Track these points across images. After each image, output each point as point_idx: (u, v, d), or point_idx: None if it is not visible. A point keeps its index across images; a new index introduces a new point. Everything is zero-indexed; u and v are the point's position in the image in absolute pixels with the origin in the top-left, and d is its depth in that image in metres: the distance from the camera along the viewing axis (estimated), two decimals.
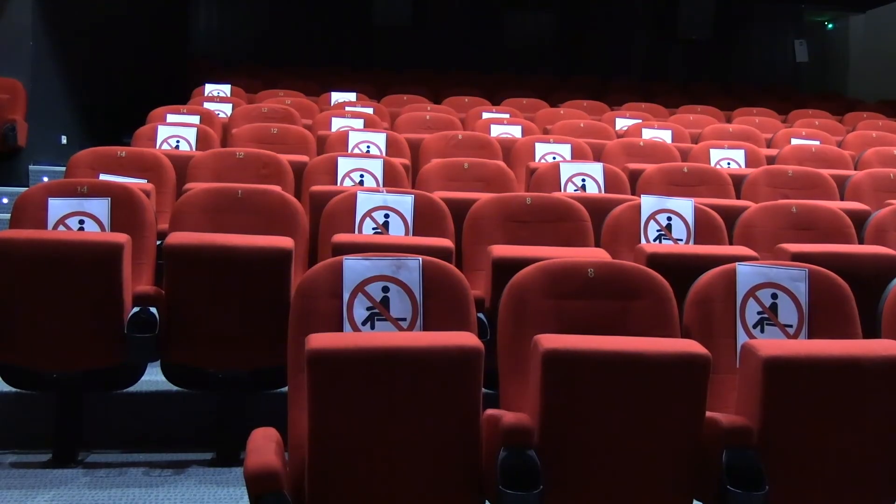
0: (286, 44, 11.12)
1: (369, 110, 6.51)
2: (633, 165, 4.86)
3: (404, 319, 2.51)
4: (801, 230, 3.81)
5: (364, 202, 3.59)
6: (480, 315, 2.90)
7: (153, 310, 3.00)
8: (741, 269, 2.67)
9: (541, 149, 5.31)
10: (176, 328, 2.98)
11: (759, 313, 2.64)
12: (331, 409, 2.08)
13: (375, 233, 3.55)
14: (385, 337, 2.22)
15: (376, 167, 4.41)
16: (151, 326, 2.97)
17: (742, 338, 2.61)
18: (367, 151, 5.06)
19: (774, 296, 2.66)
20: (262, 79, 8.47)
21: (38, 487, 2.88)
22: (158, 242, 3.47)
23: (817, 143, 6.07)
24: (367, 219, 3.57)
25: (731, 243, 3.76)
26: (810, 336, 2.63)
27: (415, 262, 2.54)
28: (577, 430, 2.16)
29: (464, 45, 11.39)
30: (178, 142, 5.19)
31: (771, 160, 5.55)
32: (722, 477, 2.16)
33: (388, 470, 2.12)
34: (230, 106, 6.68)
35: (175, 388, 3.19)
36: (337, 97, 7.48)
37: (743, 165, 5.47)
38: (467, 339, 2.18)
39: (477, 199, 3.74)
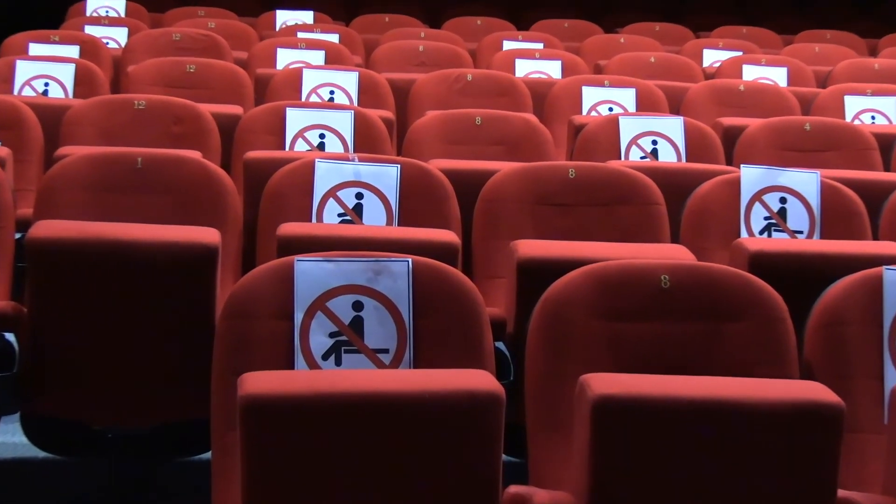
0: None
1: (333, 38, 6.51)
2: (728, 121, 4.87)
3: (385, 351, 2.51)
4: None
5: (326, 175, 3.59)
6: (500, 344, 2.90)
7: (10, 336, 3.01)
8: (890, 276, 2.68)
9: (590, 95, 5.32)
10: (45, 363, 2.98)
11: None
12: (275, 482, 2.08)
13: (343, 221, 3.55)
14: (356, 377, 2.23)
15: (344, 123, 4.41)
16: (8, 361, 2.97)
17: (892, 379, 2.61)
18: (331, 100, 5.06)
19: None
20: None
21: None
22: (18, 235, 3.48)
23: None
24: (331, 200, 3.57)
25: (875, 237, 3.76)
26: None
27: (401, 266, 2.54)
28: None
29: None
30: (46, 85, 5.19)
31: None
32: None
33: None
34: (125, 31, 6.68)
35: (43, 453, 3.19)
36: (284, 17, 7.49)
37: (894, 121, 5.47)
38: (480, 380, 2.19)
39: (495, 170, 3.76)
